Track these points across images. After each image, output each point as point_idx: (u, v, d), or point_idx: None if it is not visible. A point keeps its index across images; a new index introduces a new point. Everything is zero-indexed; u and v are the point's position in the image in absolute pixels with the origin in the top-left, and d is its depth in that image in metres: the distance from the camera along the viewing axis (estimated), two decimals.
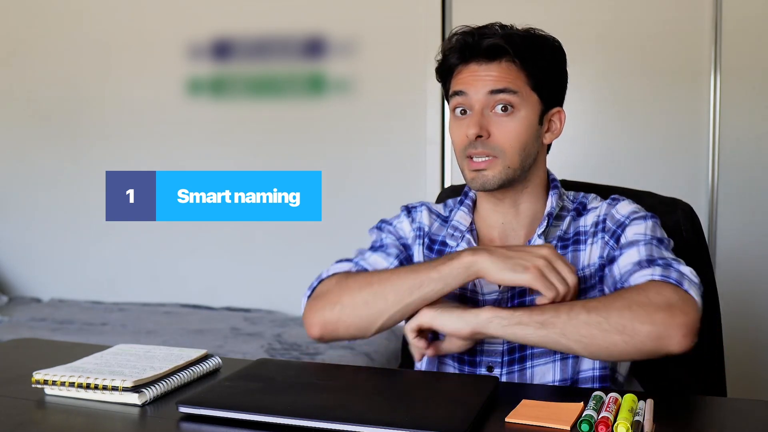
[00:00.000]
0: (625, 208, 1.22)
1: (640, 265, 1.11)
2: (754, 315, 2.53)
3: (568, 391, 1.06)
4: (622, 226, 1.20)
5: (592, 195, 1.30)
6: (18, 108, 3.37)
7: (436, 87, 2.81)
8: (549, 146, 1.28)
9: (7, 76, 3.36)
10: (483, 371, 1.19)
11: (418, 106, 2.81)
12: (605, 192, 1.35)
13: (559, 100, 1.25)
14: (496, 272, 1.06)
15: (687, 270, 1.09)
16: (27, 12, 3.31)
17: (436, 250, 1.30)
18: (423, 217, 1.33)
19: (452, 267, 1.09)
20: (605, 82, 2.65)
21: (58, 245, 3.33)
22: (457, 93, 1.21)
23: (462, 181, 1.33)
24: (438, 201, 1.52)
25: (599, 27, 2.63)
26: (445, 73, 1.26)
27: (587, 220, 1.25)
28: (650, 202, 1.35)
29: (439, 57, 1.26)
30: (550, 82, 1.22)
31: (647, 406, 0.91)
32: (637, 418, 0.86)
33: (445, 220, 1.33)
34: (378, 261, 1.26)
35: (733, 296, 2.25)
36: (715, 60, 2.51)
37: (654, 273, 1.07)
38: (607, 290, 1.18)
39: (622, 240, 1.18)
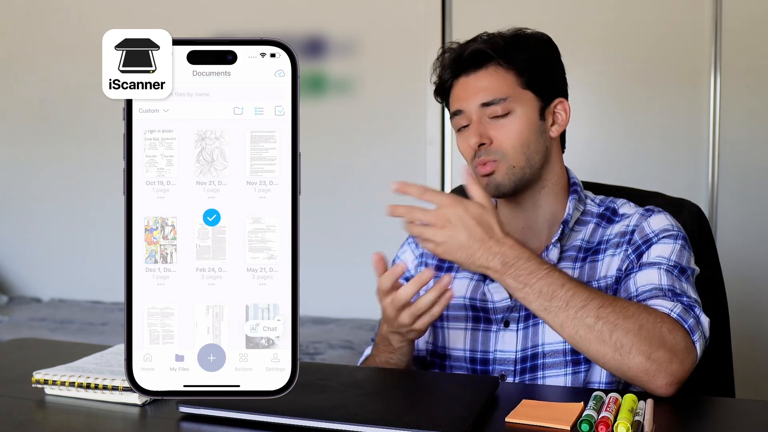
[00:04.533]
0: (658, 222, 1.19)
1: (662, 292, 1.08)
2: (757, 315, 2.52)
3: (568, 391, 1.06)
4: (648, 243, 1.16)
5: (622, 200, 1.27)
6: (18, 108, 3.37)
7: None
8: (564, 142, 1.27)
9: (7, 76, 3.36)
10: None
11: (418, 106, 2.81)
12: (611, 193, 1.35)
13: (559, 92, 1.24)
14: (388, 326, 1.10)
15: (705, 321, 1.06)
16: (27, 12, 3.31)
17: (446, 267, 1.29)
18: None
19: (385, 340, 1.13)
20: (605, 82, 2.65)
21: (58, 245, 3.33)
22: (455, 113, 1.22)
23: None
24: None
25: (599, 28, 2.63)
26: (443, 92, 1.26)
27: (615, 229, 1.21)
28: (658, 203, 1.35)
29: (435, 79, 1.26)
30: (542, 77, 1.21)
31: (647, 406, 0.91)
32: (637, 418, 0.86)
33: None
34: None
35: (736, 296, 2.25)
36: (715, 60, 2.51)
37: (675, 309, 1.04)
38: None
39: (644, 258, 1.15)
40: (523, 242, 1.23)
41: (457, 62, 1.21)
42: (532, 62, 1.20)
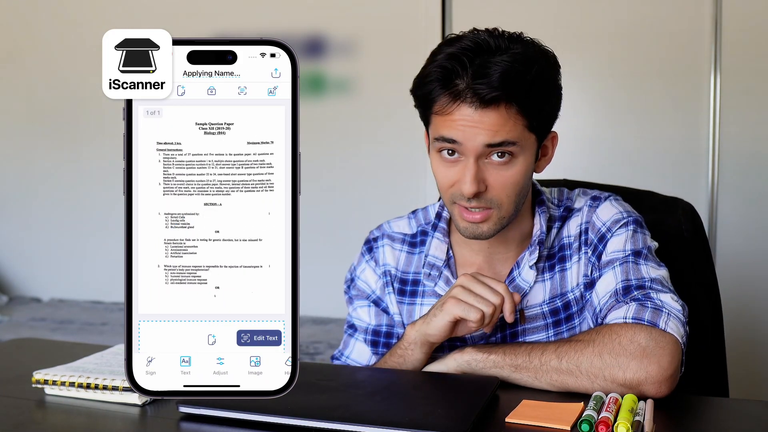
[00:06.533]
0: (605, 213, 1.16)
1: (616, 297, 1.08)
2: (754, 315, 2.52)
3: (569, 391, 1.05)
4: (603, 240, 1.14)
5: (577, 191, 1.22)
6: (18, 108, 3.37)
7: None
8: None
9: (7, 76, 3.36)
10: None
11: None
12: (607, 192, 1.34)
13: (553, 124, 1.14)
14: (429, 328, 1.07)
15: (666, 298, 1.06)
16: (27, 12, 3.31)
17: (409, 291, 1.24)
18: (386, 255, 1.26)
19: (406, 349, 1.10)
20: (605, 82, 2.65)
21: (58, 245, 3.33)
22: (445, 139, 1.07)
23: None
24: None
25: (599, 27, 2.63)
26: (424, 100, 1.10)
27: (570, 229, 1.18)
28: (651, 202, 1.35)
29: (418, 77, 1.10)
30: (547, 115, 1.10)
31: (647, 407, 0.91)
32: (637, 418, 0.86)
33: (413, 245, 1.26)
34: (361, 353, 1.25)
35: (733, 296, 2.25)
36: (715, 60, 2.51)
37: (627, 314, 1.03)
38: (589, 319, 1.14)
39: (603, 257, 1.13)
40: (489, 260, 1.20)
41: (463, 90, 1.03)
42: (543, 100, 1.07)
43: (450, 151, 1.08)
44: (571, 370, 1.00)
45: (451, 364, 1.07)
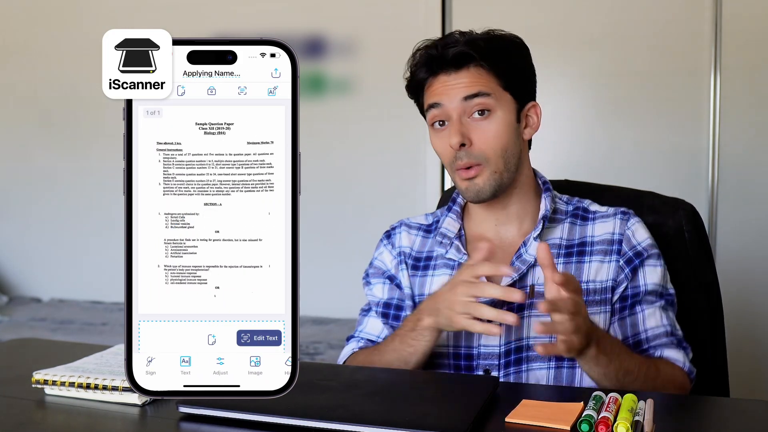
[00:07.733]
0: (641, 234, 1.23)
1: (669, 339, 1.19)
2: (754, 315, 2.52)
3: (568, 391, 1.06)
4: (640, 257, 1.21)
5: (588, 201, 1.30)
6: (18, 108, 3.37)
7: None
8: (530, 143, 1.28)
9: (7, 76, 3.36)
10: (479, 374, 1.19)
11: None
12: (607, 192, 1.34)
13: (532, 95, 1.26)
14: (442, 323, 1.11)
15: (685, 344, 1.20)
16: (27, 11, 3.31)
17: (422, 266, 1.30)
18: (402, 239, 1.33)
19: (418, 334, 1.13)
20: (605, 81, 2.65)
21: (58, 245, 3.33)
22: (432, 106, 1.22)
23: None
24: (441, 203, 1.51)
25: (599, 27, 2.63)
26: (416, 88, 1.27)
27: (595, 231, 1.24)
28: (653, 203, 1.35)
29: (408, 74, 1.28)
30: (519, 79, 1.23)
31: (647, 406, 0.91)
32: (637, 418, 0.86)
33: (428, 231, 1.33)
34: (374, 326, 1.30)
35: (733, 296, 2.25)
36: (715, 59, 2.51)
37: (686, 363, 1.18)
38: (603, 318, 1.20)
39: (640, 277, 1.21)
40: (498, 238, 1.27)
41: (438, 61, 1.21)
42: (511, 64, 1.21)
43: (440, 122, 1.22)
44: (631, 370, 1.09)
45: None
